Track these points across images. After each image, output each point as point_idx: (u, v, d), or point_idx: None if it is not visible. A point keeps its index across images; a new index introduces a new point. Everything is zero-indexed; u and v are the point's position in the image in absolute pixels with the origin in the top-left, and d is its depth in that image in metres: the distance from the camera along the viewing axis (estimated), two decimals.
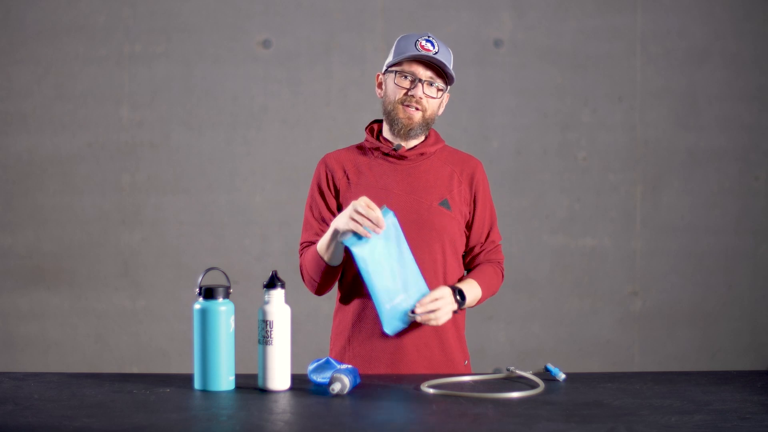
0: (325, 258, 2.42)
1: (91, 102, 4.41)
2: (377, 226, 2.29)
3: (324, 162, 2.56)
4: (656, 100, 4.51)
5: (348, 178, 2.51)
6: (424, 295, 2.36)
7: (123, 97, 4.42)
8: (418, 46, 2.45)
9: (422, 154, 2.53)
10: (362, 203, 2.29)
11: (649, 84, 4.51)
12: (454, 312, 2.45)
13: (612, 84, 4.51)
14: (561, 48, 4.49)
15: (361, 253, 2.31)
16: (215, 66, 4.42)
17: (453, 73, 2.49)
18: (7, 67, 4.39)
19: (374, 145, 2.54)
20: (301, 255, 2.54)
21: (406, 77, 2.47)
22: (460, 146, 2.69)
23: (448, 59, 2.49)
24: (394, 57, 2.48)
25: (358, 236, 2.32)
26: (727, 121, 4.53)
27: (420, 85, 2.46)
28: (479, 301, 2.52)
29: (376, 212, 2.29)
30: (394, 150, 2.51)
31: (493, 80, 4.49)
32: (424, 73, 2.46)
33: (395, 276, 2.35)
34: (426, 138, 2.56)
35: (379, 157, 2.54)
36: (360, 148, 2.58)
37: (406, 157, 2.52)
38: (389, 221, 2.33)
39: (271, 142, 4.45)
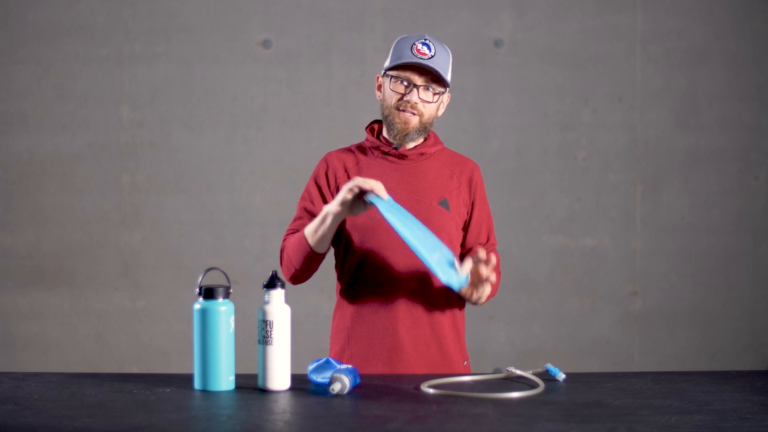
0: (311, 242, 2.40)
1: (91, 102, 4.41)
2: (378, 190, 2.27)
3: (326, 160, 2.57)
4: (656, 100, 4.51)
5: (349, 176, 2.51)
6: (452, 259, 2.27)
7: (123, 97, 4.42)
8: (414, 51, 2.44)
9: (422, 154, 2.54)
10: (357, 179, 2.28)
11: (649, 84, 4.51)
12: (475, 303, 2.44)
13: (612, 84, 4.51)
14: (561, 48, 4.49)
15: (386, 206, 2.25)
16: (215, 66, 4.42)
17: (447, 75, 2.47)
18: (7, 67, 4.39)
19: (375, 144, 2.54)
20: (284, 239, 2.52)
21: (401, 82, 2.46)
22: (460, 146, 2.70)
23: (445, 61, 2.48)
24: (390, 61, 2.48)
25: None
26: (727, 121, 4.53)
27: (415, 90, 2.45)
28: (486, 300, 2.52)
29: (373, 182, 2.27)
30: (395, 148, 2.51)
31: (493, 80, 4.49)
32: (419, 78, 2.45)
33: (423, 233, 2.28)
34: (425, 139, 2.56)
35: (379, 156, 2.54)
36: (360, 147, 2.58)
37: (406, 157, 2.53)
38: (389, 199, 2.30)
39: (271, 142, 4.45)
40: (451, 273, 2.20)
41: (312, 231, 2.40)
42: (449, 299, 2.51)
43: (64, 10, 4.38)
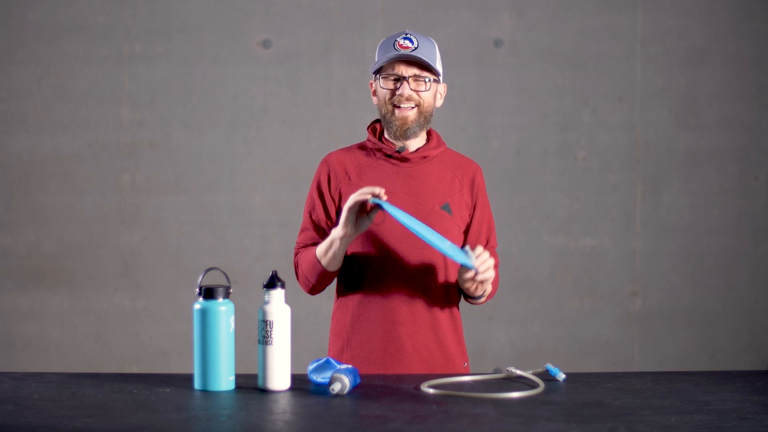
0: (323, 263, 2.44)
1: (91, 102, 4.41)
2: (377, 193, 2.29)
3: (326, 162, 2.56)
4: (656, 100, 4.51)
5: (350, 179, 2.51)
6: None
7: (123, 97, 4.42)
8: (397, 46, 2.45)
9: (425, 157, 2.53)
10: (353, 196, 2.31)
11: (649, 84, 4.51)
12: (473, 301, 2.47)
13: (612, 84, 4.51)
14: (561, 48, 4.49)
15: (390, 208, 2.28)
16: (215, 66, 4.42)
17: (436, 64, 2.47)
18: (7, 67, 4.39)
19: (377, 146, 2.53)
20: (296, 254, 2.55)
21: (391, 78, 2.47)
22: (460, 146, 2.69)
23: (431, 51, 2.47)
24: (376, 62, 2.49)
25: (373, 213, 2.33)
26: (727, 121, 4.53)
27: (405, 83, 2.45)
28: (486, 299, 2.52)
29: (371, 188, 2.30)
30: (398, 152, 2.51)
31: (493, 80, 4.49)
32: (407, 70, 2.46)
33: (428, 228, 2.31)
34: (428, 141, 2.56)
35: (381, 158, 2.53)
36: (362, 147, 2.57)
37: (408, 160, 2.52)
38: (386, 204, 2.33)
39: (271, 142, 4.45)
40: (464, 255, 2.28)
41: (322, 253, 2.43)
42: (449, 300, 2.51)
43: (64, 10, 4.38)
